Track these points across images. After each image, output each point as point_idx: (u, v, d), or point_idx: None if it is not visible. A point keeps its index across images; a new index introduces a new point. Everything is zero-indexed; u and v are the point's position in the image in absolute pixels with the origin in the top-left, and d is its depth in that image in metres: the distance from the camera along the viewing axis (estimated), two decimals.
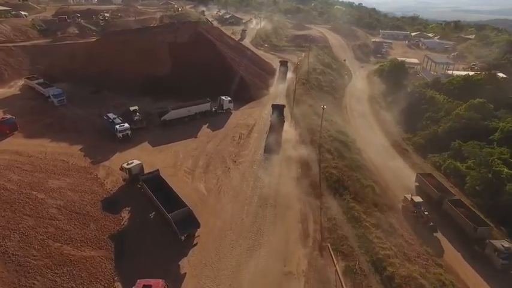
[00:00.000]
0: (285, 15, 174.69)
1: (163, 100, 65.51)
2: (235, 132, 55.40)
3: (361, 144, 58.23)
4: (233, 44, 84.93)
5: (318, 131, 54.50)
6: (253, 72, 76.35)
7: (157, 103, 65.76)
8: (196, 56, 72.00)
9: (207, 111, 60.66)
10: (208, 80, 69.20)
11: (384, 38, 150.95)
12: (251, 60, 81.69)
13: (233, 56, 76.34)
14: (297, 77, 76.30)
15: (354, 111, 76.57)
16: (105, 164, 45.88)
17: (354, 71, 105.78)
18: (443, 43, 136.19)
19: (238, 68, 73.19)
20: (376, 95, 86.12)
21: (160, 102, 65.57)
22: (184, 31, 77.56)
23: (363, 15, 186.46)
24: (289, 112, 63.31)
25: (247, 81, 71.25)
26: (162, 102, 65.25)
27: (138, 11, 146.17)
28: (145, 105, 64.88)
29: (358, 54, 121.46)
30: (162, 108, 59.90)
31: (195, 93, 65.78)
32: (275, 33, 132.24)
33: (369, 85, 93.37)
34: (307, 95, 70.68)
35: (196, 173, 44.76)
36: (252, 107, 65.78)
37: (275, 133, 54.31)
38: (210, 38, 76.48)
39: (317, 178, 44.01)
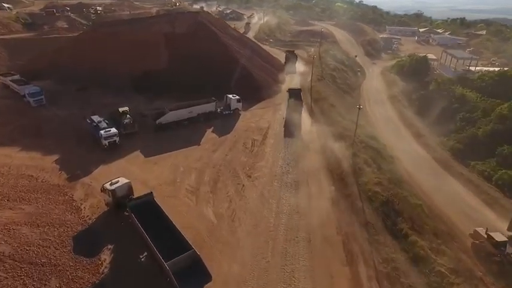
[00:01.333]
0: (287, 12, 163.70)
1: (159, 99, 54.72)
2: (246, 138, 44.53)
3: (394, 151, 47.65)
4: (238, 36, 73.96)
5: (348, 136, 43.91)
6: (262, 67, 65.48)
7: (153, 102, 54.90)
8: (197, 48, 60.97)
9: (211, 113, 49.74)
10: (211, 76, 58.27)
11: (390, 34, 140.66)
12: (259, 55, 70.74)
13: (239, 49, 65.41)
14: (312, 73, 65.65)
15: (376, 112, 65.84)
16: (85, 181, 34.87)
17: (366, 68, 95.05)
18: (456, 39, 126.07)
19: (245, 62, 62.25)
20: (396, 93, 75.47)
21: (156, 101, 54.73)
22: (182, 21, 66.39)
23: (367, 12, 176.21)
24: (309, 113, 52.70)
25: (257, 78, 60.38)
26: (158, 101, 54.44)
27: (133, 6, 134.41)
28: (139, 105, 54.02)
29: (368, 50, 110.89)
30: (158, 109, 48.93)
31: (197, 91, 54.99)
32: (279, 29, 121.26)
33: (386, 83, 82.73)
34: (325, 93, 59.97)
35: (202, 192, 33.86)
36: (263, 107, 54.84)
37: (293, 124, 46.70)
38: (212, 28, 65.47)
39: (357, 198, 33.32)
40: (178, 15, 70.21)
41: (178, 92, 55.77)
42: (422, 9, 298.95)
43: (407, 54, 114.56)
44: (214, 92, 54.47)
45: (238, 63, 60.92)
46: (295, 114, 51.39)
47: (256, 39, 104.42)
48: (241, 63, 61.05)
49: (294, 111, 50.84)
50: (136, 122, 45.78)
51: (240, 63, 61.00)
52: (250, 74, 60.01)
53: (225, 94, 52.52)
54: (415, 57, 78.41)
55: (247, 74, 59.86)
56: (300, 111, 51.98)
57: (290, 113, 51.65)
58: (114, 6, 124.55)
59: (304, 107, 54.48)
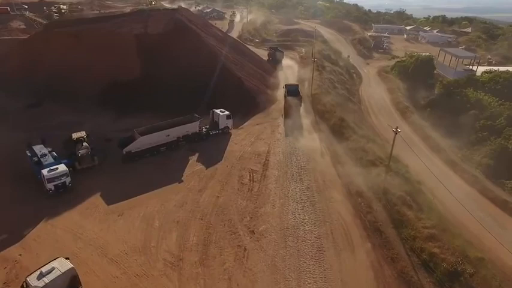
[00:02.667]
0: (269, 10, 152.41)
1: (130, 116, 42.97)
2: (242, 169, 33.40)
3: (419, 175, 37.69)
4: (223, 37, 62.24)
5: (370, 161, 33.66)
6: (254, 73, 54.29)
7: (122, 120, 43.17)
8: (175, 52, 49.08)
9: (195, 134, 38.35)
10: (193, 85, 46.75)
11: (377, 32, 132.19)
12: (248, 58, 59.42)
13: (225, 52, 53.89)
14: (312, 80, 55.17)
15: (384, 123, 56.17)
16: (10, 255, 22.96)
17: (360, 69, 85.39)
18: (445, 36, 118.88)
19: (234, 68, 50.92)
20: (399, 97, 66.09)
21: (127, 119, 42.96)
22: (157, 20, 54.16)
23: (350, 10, 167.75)
24: (316, 131, 42.10)
25: (248, 86, 49.15)
26: (128, 119, 42.71)
27: (104, 5, 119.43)
28: (104, 124, 42.11)
29: (360, 49, 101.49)
30: (128, 130, 37.06)
31: (176, 105, 43.73)
32: (264, 28, 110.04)
33: (386, 85, 73.29)
34: (328, 102, 49.41)
35: (187, 264, 22.57)
36: (259, 123, 43.72)
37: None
38: (193, 28, 53.60)
39: (408, 265, 23.02)
40: (153, 12, 57.92)
41: (154, 107, 44.23)
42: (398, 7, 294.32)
43: (398, 53, 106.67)
44: (197, 106, 43.35)
45: (226, 69, 49.52)
46: (298, 130, 40.99)
47: (240, 40, 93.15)
48: (229, 69, 49.69)
49: (295, 120, 41.25)
50: (96, 152, 33.86)
51: (228, 69, 49.63)
52: (240, 82, 48.76)
53: (211, 109, 41.21)
54: (419, 57, 69.26)
55: (237, 82, 48.58)
56: (299, 115, 44.74)
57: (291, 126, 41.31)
58: (82, 4, 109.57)
59: (310, 121, 44.10)
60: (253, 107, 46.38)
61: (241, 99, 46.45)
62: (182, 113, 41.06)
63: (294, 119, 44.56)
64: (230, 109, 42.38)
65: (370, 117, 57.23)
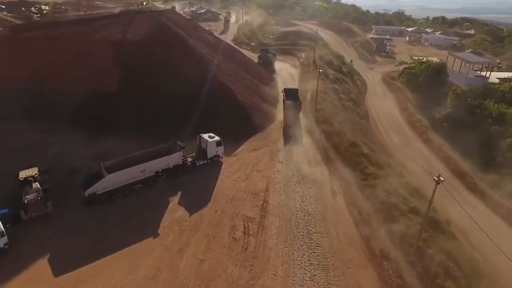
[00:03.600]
0: (266, 11, 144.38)
1: (105, 138, 35.59)
2: (234, 217, 26.04)
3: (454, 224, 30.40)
4: (216, 43, 54.39)
5: (394, 206, 26.45)
6: (249, 85, 46.72)
7: (95, 144, 35.66)
8: (159, 62, 41.49)
9: (177, 167, 30.97)
10: (179, 101, 39.37)
11: (377, 34, 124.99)
12: (243, 66, 51.79)
13: (217, 61, 46.30)
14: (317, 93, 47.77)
15: (395, 140, 49.11)
16: None
17: (364, 74, 78.09)
18: (449, 39, 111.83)
19: (226, 80, 43.39)
20: (410, 108, 58.89)
21: (100, 142, 35.55)
22: (141, 23, 46.46)
23: (349, 11, 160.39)
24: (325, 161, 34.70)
25: (243, 102, 41.60)
26: (103, 142, 35.35)
27: (92, 5, 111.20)
28: (74, 148, 34.66)
29: (362, 53, 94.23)
30: (104, 163, 29.45)
31: (159, 125, 36.46)
32: (260, 30, 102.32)
33: (393, 94, 66.15)
34: (335, 119, 42.14)
35: None
36: (255, 148, 36.27)
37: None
38: (180, 33, 45.91)
39: None
40: (137, 15, 50.12)
41: (134, 127, 36.88)
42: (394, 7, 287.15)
43: (402, 56, 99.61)
44: (184, 126, 36.05)
45: (217, 81, 41.99)
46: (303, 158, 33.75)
47: (235, 43, 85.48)
48: (221, 82, 42.16)
49: (298, 143, 34.44)
50: (52, 192, 26.42)
51: (220, 82, 42.10)
52: (234, 97, 41.26)
53: (199, 133, 33.79)
54: (431, 64, 61.93)
55: (230, 97, 41.09)
56: (302, 135, 37.90)
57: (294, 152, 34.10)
58: (67, 5, 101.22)
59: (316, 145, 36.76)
60: (248, 127, 38.96)
61: (235, 118, 39.01)
62: (165, 134, 33.97)
63: (296, 141, 37.27)
64: (222, 130, 35.12)
65: (381, 134, 49.95)
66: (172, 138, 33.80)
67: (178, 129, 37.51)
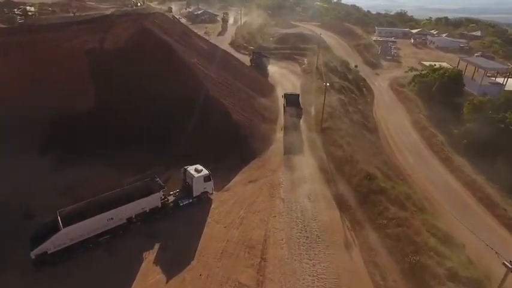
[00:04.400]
0: (265, 12, 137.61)
1: (76, 165, 29.66)
2: (224, 283, 20.05)
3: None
4: (209, 50, 47.77)
5: (427, 268, 20.34)
6: (246, 98, 40.38)
7: (63, 171, 29.93)
8: (140, 74, 35.22)
9: (155, 211, 24.82)
10: (163, 121, 33.26)
11: (380, 36, 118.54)
12: (240, 76, 45.43)
13: (210, 72, 39.98)
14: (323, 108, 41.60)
15: (408, 157, 43.04)
16: None
17: (369, 80, 71.79)
18: (456, 41, 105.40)
19: (220, 93, 37.06)
20: (422, 121, 52.62)
21: (69, 169, 29.76)
22: (122, 29, 40.16)
23: (350, 11, 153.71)
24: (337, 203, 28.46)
25: (238, 121, 35.33)
26: (72, 169, 29.57)
27: (84, 6, 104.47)
28: (37, 177, 28.67)
29: (366, 57, 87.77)
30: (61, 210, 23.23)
31: (140, 150, 30.52)
32: (260, 32, 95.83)
33: (403, 104, 59.85)
34: (344, 140, 35.93)
35: None
36: (252, 180, 29.90)
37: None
38: (167, 40, 39.53)
39: None
40: (119, 19, 43.71)
41: (110, 151, 30.82)
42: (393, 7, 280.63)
43: (408, 60, 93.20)
44: (167, 151, 30.04)
45: (209, 97, 35.67)
46: (309, 194, 27.62)
47: (233, 47, 79.24)
48: (213, 98, 35.84)
49: (303, 173, 28.26)
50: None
51: (212, 98, 35.78)
52: (227, 115, 34.95)
53: (185, 165, 27.60)
54: (446, 72, 55.42)
55: (223, 116, 34.78)
56: (303, 149, 33.05)
57: (298, 186, 27.94)
58: (56, 6, 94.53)
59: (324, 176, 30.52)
60: (244, 152, 32.77)
61: (229, 142, 32.83)
62: (147, 161, 28.11)
63: (300, 170, 31.09)
64: (213, 157, 29.22)
65: (394, 152, 43.76)
66: (150, 173, 27.85)
67: (162, 155, 31.52)
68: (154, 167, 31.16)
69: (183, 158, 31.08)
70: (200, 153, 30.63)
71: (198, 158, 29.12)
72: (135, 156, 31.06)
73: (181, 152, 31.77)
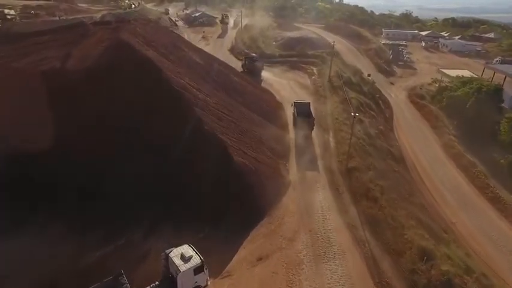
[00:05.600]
0: (267, 13, 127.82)
1: (17, 230, 20.94)
2: None
3: None
4: (205, 64, 38.14)
5: None
6: (249, 128, 31.28)
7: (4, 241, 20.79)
8: (113, 102, 26.30)
9: None
10: (142, 167, 24.34)
11: (388, 39, 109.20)
12: (243, 96, 36.23)
13: (206, 94, 30.84)
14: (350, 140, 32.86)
15: (446, 194, 34.20)
16: None
17: (384, 91, 62.63)
18: (471, 44, 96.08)
19: (217, 125, 27.94)
20: (455, 144, 43.61)
21: (11, 240, 20.72)
22: (96, 41, 31.11)
23: (355, 12, 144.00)
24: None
25: (242, 165, 26.19)
26: (11, 237, 20.56)
27: (73, 9, 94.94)
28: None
29: (378, 63, 78.45)
30: None
31: (110, 208, 21.75)
32: (262, 36, 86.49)
33: (428, 122, 50.78)
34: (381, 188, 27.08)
35: None
36: (260, 255, 20.75)
37: None
38: (147, 55, 30.21)
39: None
40: (95, 28, 34.55)
41: (66, 210, 22.14)
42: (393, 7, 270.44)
43: (422, 66, 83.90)
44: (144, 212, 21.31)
45: (203, 131, 26.58)
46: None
47: (233, 54, 70.04)
48: (208, 133, 26.74)
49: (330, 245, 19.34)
50: None
51: (206, 133, 26.68)
52: (226, 156, 25.87)
53: (167, 249, 18.63)
54: (482, 86, 46.13)
55: (221, 157, 25.72)
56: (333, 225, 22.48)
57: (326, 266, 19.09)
58: (42, 9, 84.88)
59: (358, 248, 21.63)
60: (249, 210, 23.85)
61: (229, 194, 23.99)
62: (119, 224, 19.50)
63: (328, 241, 22.12)
64: (207, 218, 20.53)
65: (428, 189, 34.90)
66: (122, 244, 19.15)
67: (140, 215, 22.71)
68: (129, 233, 22.48)
69: (167, 218, 22.47)
70: (189, 213, 21.97)
71: (186, 221, 20.46)
72: (103, 219, 22.32)
73: (164, 210, 23.04)
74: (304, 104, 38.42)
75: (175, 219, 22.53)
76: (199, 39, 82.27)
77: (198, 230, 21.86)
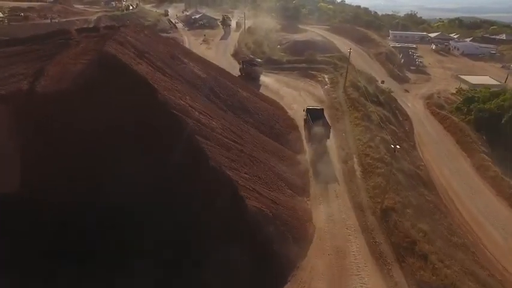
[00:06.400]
0: (269, 14, 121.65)
1: None
2: None
3: None
4: (207, 78, 32.19)
5: None
6: (266, 161, 25.65)
7: None
8: (93, 136, 20.77)
9: None
10: (131, 216, 18.73)
11: (396, 41, 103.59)
12: (253, 116, 30.54)
13: (210, 117, 25.22)
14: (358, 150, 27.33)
15: (494, 234, 28.66)
16: None
17: (401, 100, 56.95)
18: (485, 47, 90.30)
19: (225, 158, 22.33)
20: (489, 166, 38.03)
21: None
22: (77, 53, 25.44)
23: (359, 13, 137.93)
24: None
25: (258, 211, 20.68)
26: None
27: (67, 11, 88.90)
28: None
29: (390, 68, 72.68)
30: None
31: (86, 278, 15.69)
32: (266, 39, 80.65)
33: (453, 136, 45.23)
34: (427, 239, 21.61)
35: None
36: None
37: None
38: (138, 72, 24.53)
39: None
40: (80, 38, 28.84)
41: (30, 276, 16.36)
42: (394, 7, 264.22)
43: (435, 71, 78.09)
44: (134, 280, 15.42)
45: (209, 169, 20.97)
46: None
47: (237, 59, 64.06)
48: (214, 170, 21.09)
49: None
50: None
51: (213, 170, 21.03)
52: (237, 199, 20.32)
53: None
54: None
55: (229, 200, 20.18)
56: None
57: None
58: (34, 11, 78.87)
59: None
60: (268, 272, 18.30)
61: (242, 251, 18.41)
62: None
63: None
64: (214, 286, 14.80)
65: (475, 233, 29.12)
66: None
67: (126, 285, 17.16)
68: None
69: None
70: (189, 280, 16.49)
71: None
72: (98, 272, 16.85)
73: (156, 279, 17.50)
74: (317, 111, 35.72)
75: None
76: (200, 42, 76.56)
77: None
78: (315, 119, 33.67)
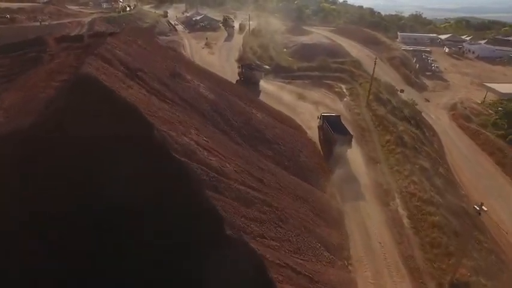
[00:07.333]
0: (273, 15, 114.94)
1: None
2: None
3: None
4: (215, 99, 25.98)
5: None
6: (292, 211, 19.54)
7: None
8: (72, 186, 14.68)
9: None
10: None
11: (405, 43, 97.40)
12: (272, 150, 24.46)
13: (220, 161, 19.07)
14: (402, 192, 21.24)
15: None
16: None
17: (424, 112, 50.80)
18: (502, 50, 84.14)
19: (247, 225, 16.19)
20: None
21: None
22: (50, 71, 19.14)
23: (364, 14, 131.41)
24: None
25: None
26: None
27: (60, 12, 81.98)
28: None
29: (406, 74, 66.39)
30: None
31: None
32: (272, 42, 74.20)
33: (492, 158, 39.15)
34: None
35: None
36: None
37: None
38: (127, 102, 18.41)
39: None
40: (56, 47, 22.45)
41: None
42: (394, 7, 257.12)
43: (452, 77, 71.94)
44: None
45: (225, 239, 14.90)
46: None
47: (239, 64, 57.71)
48: (232, 240, 15.01)
49: None
50: None
51: (230, 240, 14.96)
52: (265, 284, 14.27)
53: None
54: None
55: (252, 281, 14.10)
56: None
57: None
58: (24, 12, 71.96)
59: None
60: None
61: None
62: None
63: None
64: None
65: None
66: None
67: None
68: None
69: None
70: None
71: None
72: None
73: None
74: (335, 117, 33.00)
75: None
76: (202, 46, 70.10)
77: None
78: (334, 127, 29.94)
